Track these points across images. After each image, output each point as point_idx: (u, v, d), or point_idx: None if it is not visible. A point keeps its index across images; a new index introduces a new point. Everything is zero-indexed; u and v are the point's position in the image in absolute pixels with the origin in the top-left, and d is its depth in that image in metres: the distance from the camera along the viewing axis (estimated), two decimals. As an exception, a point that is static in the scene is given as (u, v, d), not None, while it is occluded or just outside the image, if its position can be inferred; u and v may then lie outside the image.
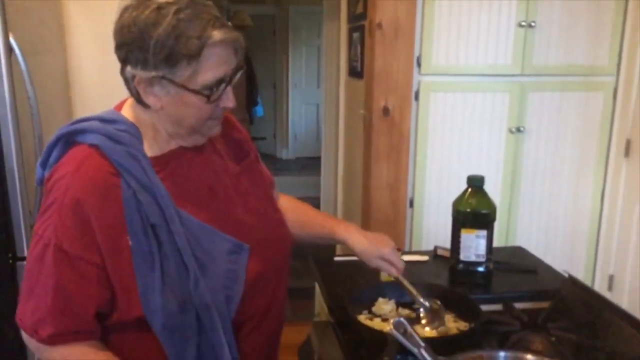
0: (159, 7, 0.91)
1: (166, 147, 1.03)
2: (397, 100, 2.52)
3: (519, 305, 1.38)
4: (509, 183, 2.64)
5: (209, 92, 0.95)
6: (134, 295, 0.94)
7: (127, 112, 1.03)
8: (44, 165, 1.02)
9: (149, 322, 0.95)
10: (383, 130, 2.56)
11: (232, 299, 1.00)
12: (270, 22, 7.36)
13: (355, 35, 3.03)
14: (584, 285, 1.33)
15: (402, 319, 0.91)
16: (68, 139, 1.00)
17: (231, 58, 0.97)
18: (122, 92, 1.08)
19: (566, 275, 1.40)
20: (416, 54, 2.49)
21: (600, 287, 2.75)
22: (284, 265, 1.16)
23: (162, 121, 1.00)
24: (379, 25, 2.46)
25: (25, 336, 0.99)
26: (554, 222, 2.71)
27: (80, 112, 2.66)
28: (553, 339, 1.23)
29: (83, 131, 0.99)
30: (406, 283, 1.28)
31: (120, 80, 2.68)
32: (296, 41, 7.32)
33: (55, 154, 1.00)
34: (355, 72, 3.09)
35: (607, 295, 2.71)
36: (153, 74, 0.93)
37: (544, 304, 1.38)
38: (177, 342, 0.96)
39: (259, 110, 6.42)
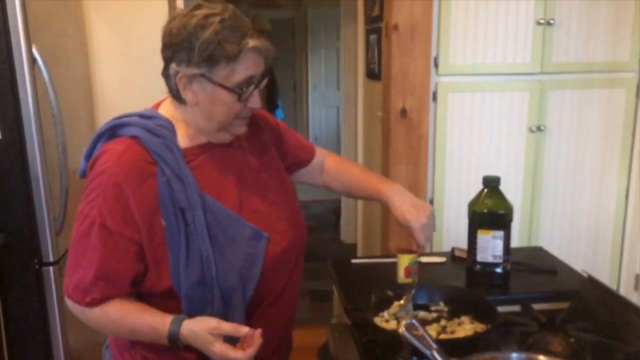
0: (207, 16, 1.07)
1: (197, 141, 1.16)
2: (415, 101, 2.52)
3: (537, 306, 1.37)
4: (531, 183, 2.61)
5: (240, 91, 1.09)
6: (164, 269, 1.08)
7: (164, 110, 1.18)
8: (88, 157, 1.15)
9: (176, 292, 1.08)
10: (401, 131, 2.55)
11: (249, 280, 1.12)
12: (289, 26, 7.40)
13: (372, 37, 3.04)
14: (603, 285, 1.32)
15: (413, 321, 0.92)
16: (112, 133, 1.14)
17: (261, 63, 1.12)
18: (143, 99, 1.24)
19: (586, 275, 1.38)
20: (433, 54, 2.48)
21: (626, 286, 2.70)
22: (299, 252, 1.27)
23: (196, 117, 1.14)
24: (395, 27, 2.46)
25: (70, 303, 1.12)
26: (577, 222, 2.67)
27: (103, 119, 2.69)
28: (572, 339, 1.21)
29: (125, 125, 1.13)
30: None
31: (140, 87, 2.75)
32: (315, 44, 7.34)
33: (99, 146, 1.14)
34: (372, 74, 3.10)
35: (634, 295, 2.66)
36: (195, 71, 1.07)
37: (563, 305, 1.37)
38: (196, 310, 1.08)
39: (280, 113, 6.45)
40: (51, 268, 2.07)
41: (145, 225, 1.07)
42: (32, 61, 1.95)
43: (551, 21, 2.45)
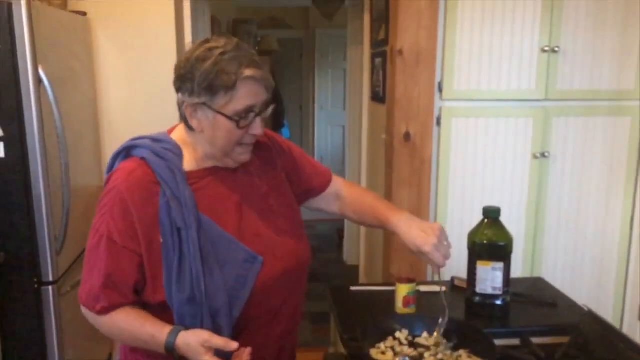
0: (209, 49, 1.14)
1: (202, 165, 1.22)
2: (419, 126, 2.52)
3: (537, 340, 1.35)
4: (534, 209, 2.59)
5: (238, 119, 1.15)
6: (159, 283, 1.14)
7: (176, 134, 1.26)
8: (108, 172, 1.24)
9: (170, 307, 1.14)
10: (404, 155, 2.55)
11: (236, 301, 1.16)
12: (297, 46, 7.45)
13: (378, 60, 3.06)
14: (603, 320, 1.30)
15: (406, 358, 0.90)
16: (127, 152, 1.23)
17: (261, 92, 1.17)
18: (148, 120, 1.32)
19: (586, 309, 1.36)
20: (437, 79, 2.49)
21: (630, 317, 2.66)
22: (298, 278, 1.30)
23: (202, 142, 1.20)
24: (400, 52, 2.47)
25: (84, 310, 1.20)
26: (582, 250, 2.65)
27: (108, 141, 2.73)
28: (571, 376, 1.20)
29: (136, 147, 1.21)
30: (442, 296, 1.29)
31: (146, 109, 2.78)
32: (322, 64, 7.38)
33: (117, 163, 1.23)
34: (377, 97, 3.11)
35: (638, 324, 2.62)
36: (197, 100, 1.14)
37: (563, 339, 1.35)
38: (187, 325, 1.14)
39: (285, 132, 6.47)
40: (50, 287, 2.07)
41: (145, 241, 1.13)
42: (38, 82, 1.97)
43: (556, 49, 2.45)
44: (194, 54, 1.14)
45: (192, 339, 1.10)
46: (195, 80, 1.12)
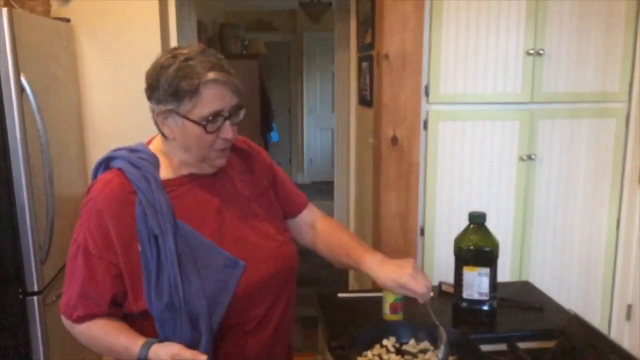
0: (174, 55, 1.15)
1: (179, 172, 1.23)
2: (406, 129, 2.52)
3: (524, 345, 1.36)
4: (521, 212, 2.60)
5: (205, 123, 1.14)
6: (140, 292, 1.15)
7: (154, 144, 1.27)
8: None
9: (151, 314, 1.15)
10: (392, 159, 2.55)
11: (217, 306, 1.16)
12: (285, 49, 7.45)
13: (365, 64, 3.06)
14: (589, 325, 1.30)
15: (392, 370, 0.90)
16: (107, 163, 1.24)
17: (228, 96, 1.16)
18: (134, 127, 1.34)
19: (572, 313, 1.37)
20: (424, 83, 2.50)
21: (618, 317, 2.68)
22: (284, 283, 1.29)
23: (175, 149, 1.21)
24: (386, 56, 2.47)
25: (63, 319, 1.21)
26: (569, 252, 2.66)
27: (93, 148, 2.70)
28: (557, 381, 1.20)
29: (114, 158, 1.23)
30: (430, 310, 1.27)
31: (131, 116, 2.76)
32: (310, 67, 7.38)
33: (99, 174, 1.24)
34: (365, 101, 3.11)
35: (626, 325, 2.64)
36: (165, 108, 1.15)
37: (550, 344, 1.35)
38: (167, 332, 1.15)
39: (274, 135, 6.46)
40: (35, 298, 2.04)
41: (123, 250, 1.14)
42: (21, 90, 1.95)
43: (541, 51, 2.46)
44: (159, 62, 1.15)
45: (163, 352, 1.10)
46: (160, 87, 1.14)
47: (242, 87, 1.19)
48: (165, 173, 1.22)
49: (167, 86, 1.13)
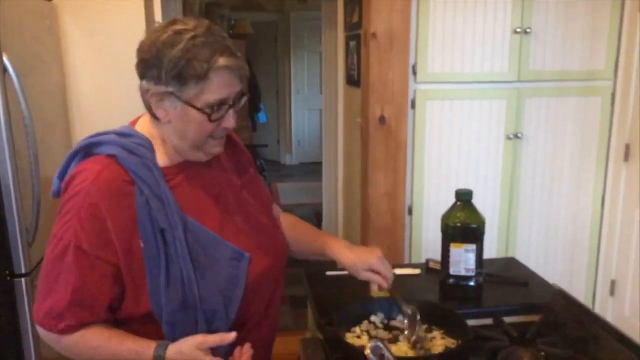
0: (178, 32, 1.02)
1: (175, 160, 1.12)
2: (394, 109, 2.52)
3: (509, 320, 1.38)
4: (508, 190, 2.63)
5: (211, 111, 1.05)
6: (143, 293, 1.04)
7: (141, 127, 1.14)
8: (62, 177, 1.11)
9: (157, 317, 1.04)
10: (380, 139, 2.56)
11: (231, 302, 1.09)
12: (272, 29, 7.38)
13: (352, 44, 3.04)
14: (573, 299, 1.32)
15: (379, 343, 0.91)
16: (87, 151, 1.10)
17: (235, 83, 1.06)
18: (120, 108, 1.17)
19: (557, 288, 1.39)
20: (412, 62, 2.49)
21: (602, 292, 2.73)
22: (280, 273, 1.25)
23: (170, 134, 1.10)
24: (374, 35, 2.46)
25: (42, 332, 1.07)
26: (555, 228, 2.70)
27: (79, 130, 2.68)
28: (542, 354, 1.22)
29: (101, 144, 1.09)
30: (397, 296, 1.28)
31: (117, 96, 2.71)
32: (298, 47, 7.33)
33: (73, 165, 1.10)
34: (352, 81, 3.10)
35: (610, 300, 2.69)
36: (164, 89, 1.03)
37: (535, 318, 1.38)
38: (178, 336, 1.04)
39: (262, 116, 6.44)
40: (23, 280, 2.03)
41: (123, 247, 1.03)
42: (3, 70, 1.91)
43: (528, 30, 2.47)
44: (161, 38, 1.02)
45: (185, 346, 1.02)
46: (162, 67, 1.01)
47: (249, 73, 1.10)
48: (160, 160, 1.11)
49: (171, 67, 1.01)
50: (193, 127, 1.07)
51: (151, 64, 1.03)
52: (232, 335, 1.02)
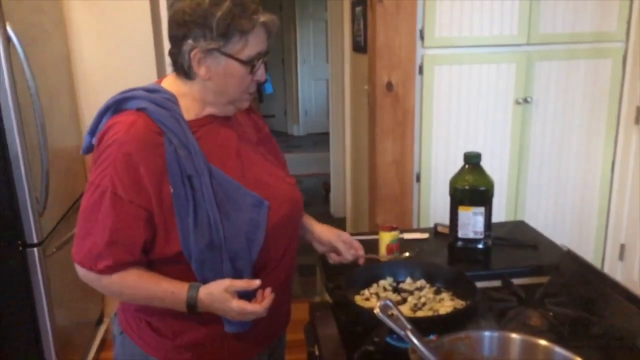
0: None
1: (200, 114, 1.21)
2: (401, 75, 2.49)
3: (518, 281, 1.38)
4: (517, 154, 2.61)
5: (253, 64, 1.15)
6: (173, 234, 1.13)
7: (167, 85, 1.22)
8: (93, 132, 1.19)
9: (186, 257, 1.14)
10: (387, 105, 2.53)
11: (253, 243, 1.17)
12: (277, -2, 7.28)
13: (358, 9, 2.99)
14: (582, 259, 1.32)
15: (388, 301, 0.92)
16: (117, 107, 1.17)
17: (266, 39, 1.18)
18: (125, 76, 1.18)
19: (565, 249, 1.39)
20: (419, 27, 2.45)
21: (611, 256, 2.73)
22: (297, 222, 1.33)
23: (206, 91, 1.18)
24: (380, 0, 2.42)
25: (82, 271, 1.16)
26: (564, 193, 2.68)
27: (84, 99, 2.67)
28: (550, 314, 1.23)
29: (130, 99, 1.17)
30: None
31: (122, 65, 2.68)
32: (303, 16, 7.23)
33: (104, 120, 1.17)
34: (359, 47, 3.06)
35: (619, 264, 2.69)
36: (211, 46, 1.12)
37: (543, 279, 1.38)
38: (207, 273, 1.15)
39: (268, 87, 6.36)
40: (35, 249, 2.06)
41: (154, 193, 1.11)
42: (7, 40, 1.90)
43: (537, -9, 2.41)
44: (204, 2, 1.12)
45: (214, 287, 1.12)
46: (210, 25, 1.11)
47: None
48: (185, 114, 1.19)
49: (219, 24, 1.10)
50: (234, 80, 1.17)
51: (196, 23, 1.12)
52: (257, 282, 1.13)
